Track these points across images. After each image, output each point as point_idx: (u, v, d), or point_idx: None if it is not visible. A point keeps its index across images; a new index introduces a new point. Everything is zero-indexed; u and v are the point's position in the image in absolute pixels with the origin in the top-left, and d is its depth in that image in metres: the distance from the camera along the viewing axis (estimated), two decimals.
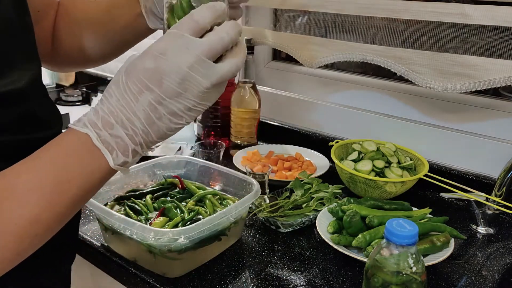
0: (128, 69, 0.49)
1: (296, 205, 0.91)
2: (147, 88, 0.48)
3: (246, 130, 1.23)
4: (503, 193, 0.92)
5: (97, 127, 0.48)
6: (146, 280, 0.74)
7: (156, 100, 0.48)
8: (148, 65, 0.48)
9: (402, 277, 0.56)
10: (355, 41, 1.14)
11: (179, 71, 0.47)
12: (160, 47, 0.48)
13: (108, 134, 0.48)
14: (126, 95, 0.49)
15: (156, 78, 0.48)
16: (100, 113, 0.49)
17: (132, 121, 0.48)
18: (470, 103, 1.08)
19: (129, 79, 0.49)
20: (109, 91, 0.50)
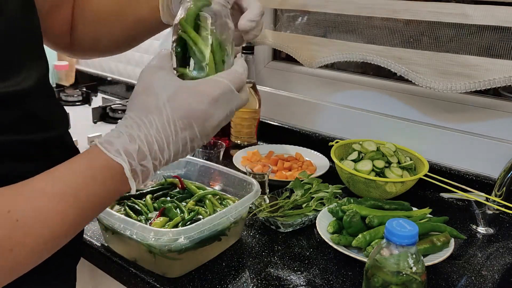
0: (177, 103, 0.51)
1: (296, 205, 0.91)
2: (190, 126, 0.52)
3: (246, 130, 1.23)
4: (503, 193, 0.92)
5: (131, 157, 0.49)
6: (146, 280, 0.74)
7: (191, 137, 0.52)
8: (202, 107, 0.52)
9: (402, 277, 0.56)
10: (355, 41, 1.14)
11: (219, 118, 0.54)
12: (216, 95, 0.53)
13: (139, 165, 0.50)
14: (168, 128, 0.51)
15: (202, 119, 0.52)
16: (138, 141, 0.49)
17: (163, 153, 0.51)
18: (470, 103, 1.08)
19: (176, 113, 0.51)
20: (149, 118, 0.50)
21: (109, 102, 1.57)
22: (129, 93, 1.73)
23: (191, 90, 0.53)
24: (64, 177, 0.49)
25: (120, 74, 1.79)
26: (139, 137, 0.50)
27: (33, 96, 0.59)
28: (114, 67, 1.80)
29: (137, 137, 0.50)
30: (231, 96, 0.54)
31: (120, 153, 0.49)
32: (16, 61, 0.57)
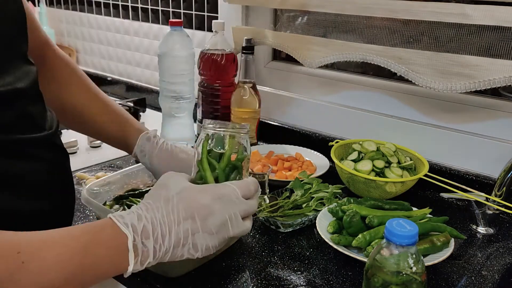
0: (182, 194, 0.57)
1: (296, 205, 0.91)
2: (192, 218, 0.56)
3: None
4: (503, 193, 0.92)
5: (136, 232, 0.53)
6: (146, 280, 0.74)
7: (193, 230, 0.56)
8: (204, 201, 0.57)
9: (402, 277, 0.56)
10: (355, 41, 1.14)
11: (223, 216, 0.57)
12: (219, 193, 0.59)
13: (141, 242, 0.53)
14: (172, 215, 0.55)
15: (204, 213, 0.57)
16: (144, 220, 0.54)
17: (165, 238, 0.54)
18: (470, 103, 1.08)
19: (180, 203, 0.56)
20: (157, 205, 0.56)
21: None
22: (129, 93, 1.73)
23: (199, 188, 0.59)
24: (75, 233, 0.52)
25: (120, 74, 1.79)
26: (146, 217, 0.54)
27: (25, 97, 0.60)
28: (114, 67, 1.80)
29: (144, 217, 0.54)
30: (236, 199, 0.59)
31: (128, 226, 0.53)
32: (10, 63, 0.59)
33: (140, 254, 0.53)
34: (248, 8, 1.34)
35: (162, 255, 0.55)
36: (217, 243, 0.58)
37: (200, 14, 1.43)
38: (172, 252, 0.56)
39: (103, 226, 0.54)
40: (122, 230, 0.53)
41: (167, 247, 0.55)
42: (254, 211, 0.63)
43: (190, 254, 0.57)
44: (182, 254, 0.57)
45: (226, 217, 0.58)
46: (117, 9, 1.70)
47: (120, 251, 0.52)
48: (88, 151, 1.24)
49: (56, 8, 1.95)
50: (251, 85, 1.21)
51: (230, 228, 0.58)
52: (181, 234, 0.55)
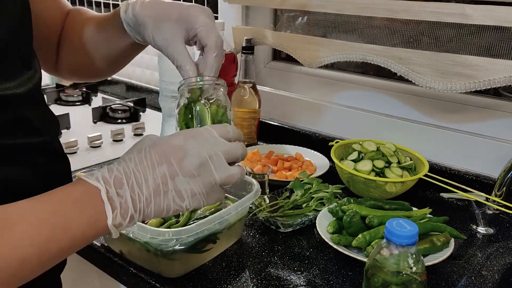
0: (155, 142, 0.54)
1: (296, 205, 0.91)
2: (167, 161, 0.52)
3: (246, 130, 1.23)
4: (503, 193, 0.92)
5: (108, 183, 0.50)
6: (146, 280, 0.74)
7: (171, 173, 0.52)
8: (177, 142, 0.53)
9: (402, 277, 0.56)
10: (355, 41, 1.14)
11: (200, 155, 0.53)
12: (192, 133, 0.55)
13: (115, 192, 0.50)
14: (145, 161, 0.52)
15: (179, 154, 0.52)
16: (115, 172, 0.51)
17: (142, 186, 0.51)
18: (470, 103, 1.08)
19: (153, 149, 0.53)
20: (130, 155, 0.53)
21: (109, 102, 1.57)
22: (129, 93, 1.73)
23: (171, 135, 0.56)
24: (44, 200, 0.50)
25: (120, 74, 1.78)
26: (117, 169, 0.51)
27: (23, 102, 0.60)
28: None
29: (115, 169, 0.51)
30: (213, 139, 0.55)
31: (98, 180, 0.50)
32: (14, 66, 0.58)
33: (118, 206, 0.50)
34: (248, 8, 1.34)
35: (144, 206, 0.51)
36: (203, 188, 0.53)
37: None
38: (155, 202, 0.51)
39: (72, 186, 0.51)
40: (93, 184, 0.50)
41: (147, 195, 0.51)
42: (240, 155, 0.57)
43: (177, 205, 0.53)
44: (168, 204, 0.52)
45: (205, 156, 0.53)
46: None
47: (95, 206, 0.49)
48: (88, 151, 1.24)
49: None
50: (251, 85, 1.21)
51: (213, 170, 0.53)
52: (159, 179, 0.51)
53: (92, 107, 1.49)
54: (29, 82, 0.61)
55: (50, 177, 0.65)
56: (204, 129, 0.56)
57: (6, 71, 0.57)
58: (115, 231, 0.51)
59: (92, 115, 1.47)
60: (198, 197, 0.54)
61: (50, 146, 0.66)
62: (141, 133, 1.37)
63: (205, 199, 0.55)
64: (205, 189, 0.54)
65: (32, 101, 0.63)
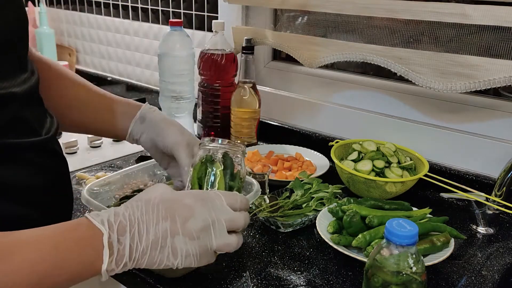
0: (165, 196, 0.55)
1: (296, 205, 0.91)
2: (172, 218, 0.53)
3: (246, 130, 1.23)
4: (503, 193, 0.92)
5: (112, 228, 0.51)
6: (146, 280, 0.74)
7: (172, 231, 0.53)
8: (186, 202, 0.55)
9: (402, 277, 0.56)
10: (355, 41, 1.14)
11: (205, 220, 0.55)
12: (203, 196, 0.57)
13: (116, 238, 0.51)
14: (151, 214, 0.53)
15: (185, 214, 0.54)
16: (121, 217, 0.52)
17: (142, 237, 0.52)
18: (470, 103, 1.08)
19: (161, 203, 0.54)
20: (138, 203, 0.54)
21: None
22: (129, 93, 1.73)
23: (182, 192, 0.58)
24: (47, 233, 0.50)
25: (120, 74, 1.79)
26: (123, 215, 0.52)
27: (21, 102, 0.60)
28: (114, 67, 1.80)
29: (121, 214, 0.52)
30: (220, 206, 0.57)
31: (103, 223, 0.51)
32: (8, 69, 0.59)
33: (115, 253, 0.51)
34: (248, 8, 1.34)
35: (139, 256, 0.52)
36: (198, 250, 0.55)
37: (200, 14, 1.43)
38: (150, 254, 0.53)
39: (77, 225, 0.52)
40: (97, 227, 0.51)
41: (144, 247, 0.52)
42: (241, 226, 0.59)
43: (169, 261, 0.54)
44: (161, 259, 0.53)
45: (209, 221, 0.55)
46: (117, 9, 1.70)
47: (94, 249, 0.50)
48: (88, 151, 1.24)
49: (56, 8, 1.95)
50: (251, 85, 1.21)
51: (213, 236, 0.55)
52: (159, 234, 0.53)
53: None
54: (26, 83, 0.61)
55: (48, 176, 0.65)
56: (215, 195, 0.58)
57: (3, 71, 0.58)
58: (105, 276, 0.52)
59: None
60: (191, 258, 0.55)
61: (48, 146, 0.66)
62: None
63: (197, 261, 0.56)
64: (199, 251, 0.55)
65: (29, 101, 0.63)
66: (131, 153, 1.22)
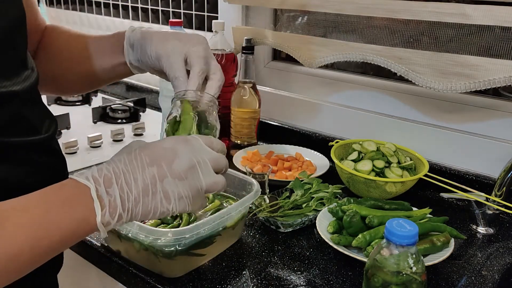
0: (145, 145, 0.55)
1: (296, 205, 0.91)
2: (158, 163, 0.53)
3: (246, 130, 1.23)
4: (503, 193, 0.92)
5: (98, 182, 0.51)
6: (146, 280, 0.74)
7: (160, 175, 0.53)
8: (166, 145, 0.55)
9: (402, 277, 0.56)
10: (355, 41, 1.14)
11: (190, 159, 0.55)
12: (182, 139, 0.57)
13: (105, 191, 0.51)
14: (135, 162, 0.53)
15: (169, 156, 0.54)
16: (104, 171, 0.52)
17: (131, 186, 0.52)
18: (470, 103, 1.08)
19: (143, 151, 0.54)
20: (119, 157, 0.54)
21: (109, 102, 1.57)
22: (129, 93, 1.73)
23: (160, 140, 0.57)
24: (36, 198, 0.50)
25: None
26: (107, 169, 0.52)
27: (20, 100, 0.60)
28: None
29: (105, 168, 0.52)
30: (200, 147, 0.57)
31: (88, 178, 0.51)
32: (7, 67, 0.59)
33: (107, 205, 0.51)
34: (248, 8, 1.34)
35: (132, 205, 0.52)
36: (189, 191, 0.54)
37: (200, 14, 1.43)
38: (143, 202, 0.52)
39: (62, 185, 0.52)
40: (83, 183, 0.51)
41: (135, 195, 0.52)
42: (224, 165, 0.59)
43: (164, 206, 0.53)
44: (155, 205, 0.53)
45: (194, 161, 0.55)
46: (117, 9, 1.70)
47: (85, 204, 0.50)
48: (88, 151, 1.24)
49: (56, 8, 1.95)
50: (251, 85, 1.21)
51: (200, 175, 0.55)
52: (148, 179, 0.52)
53: (92, 107, 1.49)
54: (26, 81, 0.62)
55: (47, 175, 0.65)
56: (192, 137, 0.58)
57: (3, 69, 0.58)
58: (103, 230, 0.52)
59: (92, 115, 1.47)
60: (184, 200, 0.54)
61: (48, 145, 0.67)
62: (141, 133, 1.36)
63: (191, 203, 0.55)
64: (191, 193, 0.55)
65: (29, 99, 0.63)
66: None
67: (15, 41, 0.61)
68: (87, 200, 0.50)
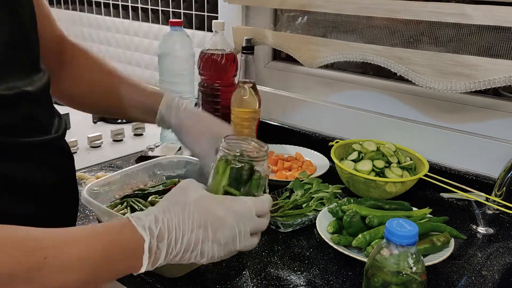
0: (200, 203, 0.59)
1: (296, 205, 0.91)
2: (205, 227, 0.58)
3: (246, 130, 1.23)
4: (503, 193, 0.92)
5: (152, 234, 0.55)
6: (146, 280, 0.74)
7: (204, 238, 0.58)
8: (218, 213, 0.59)
9: (402, 277, 0.56)
10: (355, 41, 1.14)
11: (233, 229, 0.59)
12: (234, 208, 0.60)
13: (156, 244, 0.55)
14: (187, 222, 0.57)
15: (217, 225, 0.58)
16: (160, 223, 0.56)
17: (177, 243, 0.56)
18: (470, 103, 1.08)
19: (196, 212, 0.58)
20: (175, 209, 0.58)
21: None
22: None
23: (216, 199, 0.61)
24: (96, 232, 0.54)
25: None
26: (162, 220, 0.56)
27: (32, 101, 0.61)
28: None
29: (161, 220, 0.56)
30: (249, 216, 0.61)
31: (145, 229, 0.55)
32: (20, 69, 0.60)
33: (153, 256, 0.55)
34: (248, 8, 1.34)
35: (172, 258, 0.57)
36: (222, 254, 0.60)
37: (200, 14, 1.43)
38: (181, 256, 0.57)
39: (122, 227, 0.55)
40: (140, 233, 0.54)
41: (178, 251, 0.56)
42: (264, 229, 0.64)
43: (196, 260, 0.59)
44: (189, 258, 0.58)
45: (236, 232, 0.60)
46: (117, 9, 1.70)
47: (136, 252, 0.54)
48: (88, 151, 1.24)
49: (56, 8, 1.95)
50: (251, 85, 1.21)
51: (237, 242, 0.60)
52: (192, 240, 0.57)
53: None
54: (38, 82, 0.63)
55: (57, 174, 0.66)
56: (246, 206, 0.61)
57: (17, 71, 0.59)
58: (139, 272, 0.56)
59: (92, 115, 1.47)
60: (215, 258, 0.60)
61: (58, 144, 0.68)
62: (141, 133, 1.36)
63: (220, 259, 0.61)
64: (224, 254, 0.60)
65: (40, 100, 0.64)
66: (131, 153, 1.22)
67: (27, 43, 0.62)
68: (140, 249, 0.54)
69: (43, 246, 0.47)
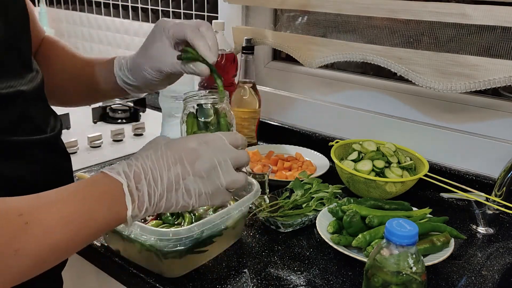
0: (170, 143, 0.59)
1: (296, 205, 0.91)
2: (181, 162, 0.57)
3: (246, 130, 1.23)
4: (503, 193, 0.92)
5: (129, 177, 0.55)
6: (146, 280, 0.74)
7: (183, 173, 0.57)
8: (191, 145, 0.58)
9: (402, 277, 0.56)
10: (355, 41, 1.14)
11: (211, 159, 0.58)
12: (206, 139, 0.60)
13: (135, 186, 0.55)
14: (161, 160, 0.57)
15: (192, 157, 0.58)
16: (134, 167, 0.56)
17: (157, 182, 0.56)
18: (470, 103, 1.08)
19: (169, 150, 0.58)
20: (147, 153, 0.58)
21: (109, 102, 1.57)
22: None
23: (186, 137, 0.61)
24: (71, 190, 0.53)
25: None
26: (136, 165, 0.56)
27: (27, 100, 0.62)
28: None
29: (134, 164, 0.56)
30: (223, 146, 0.60)
31: (120, 174, 0.55)
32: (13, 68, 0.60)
33: (136, 199, 0.54)
34: (248, 8, 1.34)
35: (157, 200, 0.56)
36: (209, 189, 0.58)
37: (200, 14, 1.43)
38: (167, 197, 0.56)
39: (96, 179, 0.55)
40: (116, 178, 0.54)
41: (161, 191, 0.56)
42: (245, 161, 0.62)
43: (185, 201, 0.58)
44: (177, 200, 0.57)
45: (215, 161, 0.58)
46: (117, 9, 1.70)
47: (117, 198, 0.54)
48: (88, 151, 1.24)
49: (56, 8, 1.95)
50: (251, 85, 1.21)
51: (220, 174, 0.59)
52: (172, 178, 0.56)
53: (92, 107, 1.49)
54: (32, 82, 0.63)
55: (53, 173, 0.66)
56: (217, 136, 0.61)
57: (10, 70, 0.59)
58: (131, 222, 0.55)
59: (92, 115, 1.47)
60: (204, 196, 0.58)
61: (53, 143, 0.68)
62: (141, 133, 1.36)
63: (210, 199, 0.59)
64: (211, 190, 0.59)
65: (35, 100, 0.64)
66: (131, 153, 1.22)
67: (20, 43, 0.62)
68: (120, 194, 0.54)
69: (21, 213, 0.47)
